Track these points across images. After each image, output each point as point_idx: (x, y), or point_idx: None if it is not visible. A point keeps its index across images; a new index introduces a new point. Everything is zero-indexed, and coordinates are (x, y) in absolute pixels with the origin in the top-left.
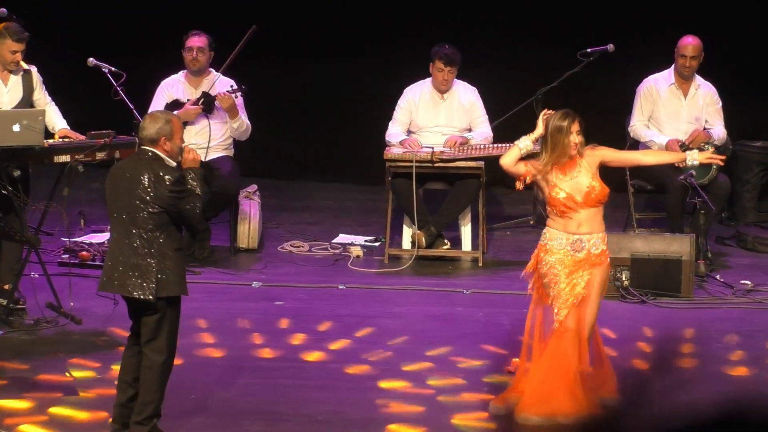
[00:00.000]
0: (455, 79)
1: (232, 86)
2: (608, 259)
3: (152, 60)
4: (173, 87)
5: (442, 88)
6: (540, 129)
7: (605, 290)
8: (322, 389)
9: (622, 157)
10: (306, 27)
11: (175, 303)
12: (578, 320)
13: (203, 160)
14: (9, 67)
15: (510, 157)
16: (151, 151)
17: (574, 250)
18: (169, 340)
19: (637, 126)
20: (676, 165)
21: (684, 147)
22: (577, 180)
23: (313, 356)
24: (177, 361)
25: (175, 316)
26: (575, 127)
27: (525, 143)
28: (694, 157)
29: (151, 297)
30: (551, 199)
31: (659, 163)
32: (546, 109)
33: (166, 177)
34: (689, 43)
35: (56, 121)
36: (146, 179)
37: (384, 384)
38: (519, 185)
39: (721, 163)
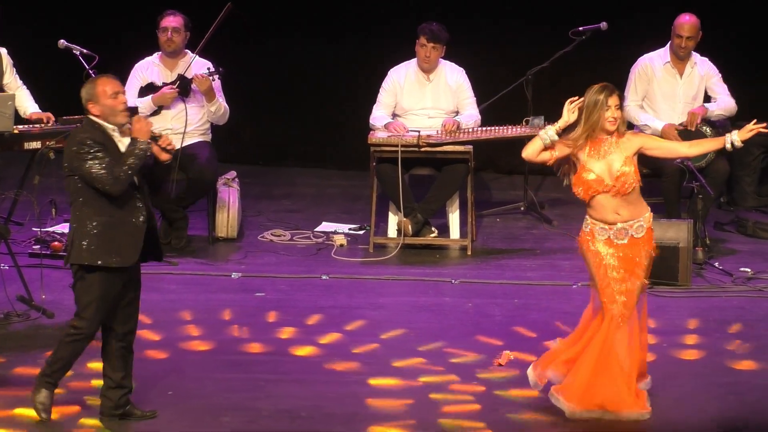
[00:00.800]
0: (442, 60)
1: (209, 68)
2: (651, 238)
3: (126, 41)
4: (147, 69)
5: (424, 66)
6: (565, 118)
7: (649, 270)
8: (302, 383)
9: (663, 147)
10: (286, 7)
11: (90, 273)
12: (631, 308)
13: (179, 146)
14: None
15: (532, 149)
16: (86, 117)
17: (617, 238)
18: (82, 312)
19: (631, 107)
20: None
21: (681, 131)
22: (608, 161)
23: (294, 349)
24: (156, 355)
25: (87, 289)
26: (613, 100)
27: (549, 134)
28: (734, 139)
29: (66, 262)
30: (578, 180)
31: (702, 153)
32: (573, 98)
33: (71, 138)
34: (686, 22)
35: (27, 105)
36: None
37: (367, 377)
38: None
39: (766, 129)
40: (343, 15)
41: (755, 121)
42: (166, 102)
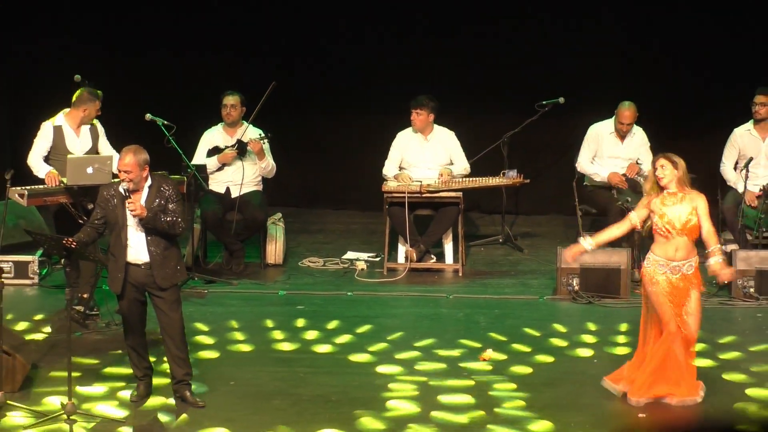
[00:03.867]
0: (436, 126)
1: (261, 134)
2: (700, 279)
3: (197, 114)
4: (213, 136)
5: (418, 129)
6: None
7: (700, 305)
8: (333, 375)
9: (703, 220)
10: (320, 85)
11: None
12: (684, 326)
13: (238, 194)
14: (91, 121)
15: (619, 233)
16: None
17: (672, 273)
18: None
19: (583, 163)
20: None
21: (625, 178)
22: (676, 209)
23: (326, 349)
24: (214, 356)
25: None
26: (658, 162)
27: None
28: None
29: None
30: (655, 224)
31: (706, 243)
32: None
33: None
34: (626, 112)
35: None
36: None
37: (383, 370)
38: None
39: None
40: (361, 94)
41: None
42: (228, 161)
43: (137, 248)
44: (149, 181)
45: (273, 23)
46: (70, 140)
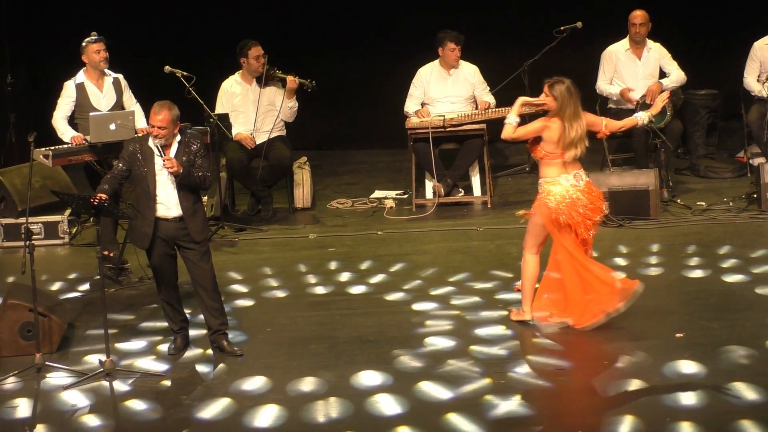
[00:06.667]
0: (460, 60)
1: (308, 80)
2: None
3: (213, 65)
4: (231, 87)
5: (455, 64)
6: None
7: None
8: (368, 315)
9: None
10: (338, 27)
11: None
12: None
13: (265, 140)
14: (99, 66)
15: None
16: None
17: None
18: None
19: (601, 85)
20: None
21: (643, 103)
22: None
23: (361, 289)
24: (249, 304)
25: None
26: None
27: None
28: (642, 118)
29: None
30: None
31: (618, 128)
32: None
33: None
34: (637, 14)
35: (139, 120)
36: None
37: (418, 307)
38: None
39: (667, 100)
40: (382, 36)
41: (668, 94)
42: (244, 142)
43: (167, 204)
44: (178, 137)
45: None
46: (93, 96)
